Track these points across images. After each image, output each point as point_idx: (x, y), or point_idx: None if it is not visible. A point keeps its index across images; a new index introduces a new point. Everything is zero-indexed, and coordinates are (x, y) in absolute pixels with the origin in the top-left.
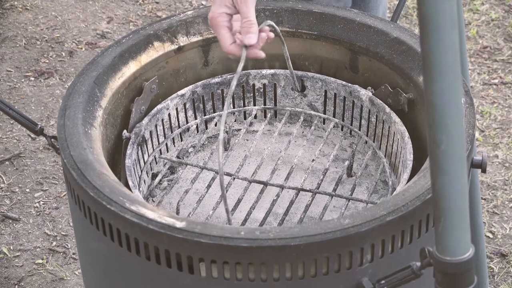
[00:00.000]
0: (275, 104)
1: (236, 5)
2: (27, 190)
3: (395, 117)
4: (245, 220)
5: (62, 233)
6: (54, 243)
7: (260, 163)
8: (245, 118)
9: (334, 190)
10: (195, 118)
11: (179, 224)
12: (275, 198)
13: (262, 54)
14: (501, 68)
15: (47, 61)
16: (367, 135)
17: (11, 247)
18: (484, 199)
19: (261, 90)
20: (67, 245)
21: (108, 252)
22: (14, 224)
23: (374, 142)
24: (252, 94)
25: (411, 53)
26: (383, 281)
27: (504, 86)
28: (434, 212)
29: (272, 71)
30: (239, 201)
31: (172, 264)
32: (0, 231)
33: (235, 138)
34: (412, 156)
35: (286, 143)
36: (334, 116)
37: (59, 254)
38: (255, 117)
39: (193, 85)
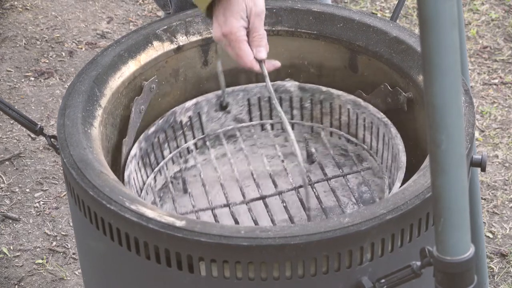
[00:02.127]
0: (203, 133)
1: (249, 18)
2: (27, 190)
3: (336, 92)
4: None
5: (62, 233)
6: (54, 243)
7: (240, 185)
8: (180, 157)
9: (325, 175)
10: (147, 175)
11: (179, 223)
12: (284, 205)
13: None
14: (501, 68)
15: (47, 61)
16: (302, 120)
17: (11, 247)
18: (484, 199)
19: (188, 123)
20: (67, 245)
21: (108, 251)
22: (14, 224)
23: (314, 122)
24: (181, 132)
25: (411, 52)
26: (383, 280)
27: (504, 86)
28: (434, 212)
29: (194, 101)
30: (256, 221)
31: (172, 263)
32: (0, 231)
33: (184, 178)
34: (363, 118)
35: (239, 161)
36: (261, 119)
37: (59, 254)
38: (189, 151)
39: (138, 141)
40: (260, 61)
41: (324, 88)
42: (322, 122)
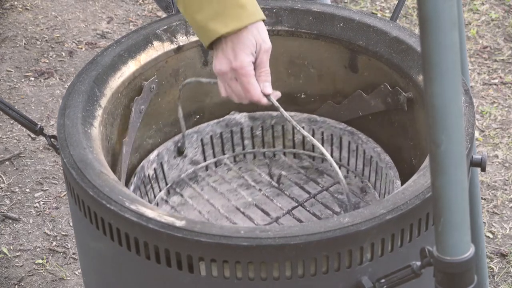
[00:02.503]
0: (166, 183)
1: (258, 54)
2: (27, 190)
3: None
4: None
5: (62, 233)
6: (54, 243)
7: (232, 220)
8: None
9: (309, 193)
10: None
11: (179, 223)
12: (299, 222)
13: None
14: (501, 68)
15: (47, 61)
16: (253, 148)
17: (11, 247)
18: (484, 199)
19: (154, 175)
20: (67, 245)
21: (108, 251)
22: (14, 224)
23: (266, 148)
24: (150, 185)
25: (411, 52)
26: (383, 280)
27: (504, 86)
28: (434, 212)
29: (155, 152)
30: None
31: (172, 263)
32: (0, 231)
33: None
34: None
35: (216, 198)
36: (214, 157)
37: (59, 254)
38: (163, 200)
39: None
40: (267, 95)
41: (274, 113)
42: (274, 146)
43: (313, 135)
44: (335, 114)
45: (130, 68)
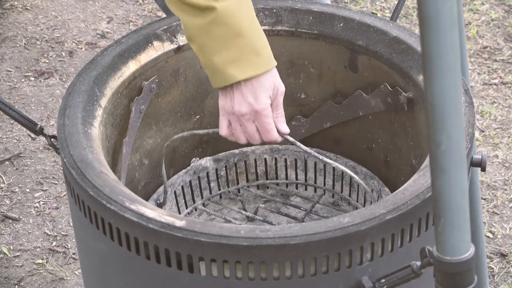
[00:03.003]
0: None
1: (275, 96)
2: (27, 190)
3: (250, 148)
4: None
5: (62, 233)
6: (54, 243)
7: None
8: None
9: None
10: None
11: (179, 223)
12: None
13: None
14: (501, 68)
15: (47, 61)
16: (220, 189)
17: (11, 247)
18: (484, 199)
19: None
20: (67, 245)
21: (108, 251)
22: (14, 224)
23: (231, 186)
24: None
25: (411, 52)
26: (383, 280)
27: (504, 86)
28: (434, 212)
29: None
30: None
31: (172, 263)
32: (0, 231)
33: None
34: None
35: None
36: (187, 207)
37: (59, 254)
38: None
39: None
40: (285, 134)
41: (237, 151)
42: (238, 182)
43: (276, 164)
44: (335, 114)
45: (130, 68)
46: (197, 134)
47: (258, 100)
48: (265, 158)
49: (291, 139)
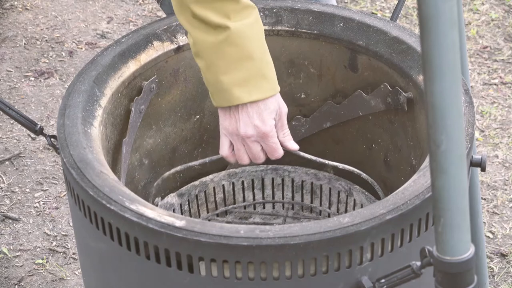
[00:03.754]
0: None
1: (279, 117)
2: (27, 190)
3: (209, 177)
4: None
5: (62, 233)
6: (54, 243)
7: None
8: None
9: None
10: None
11: (179, 223)
12: None
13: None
14: (501, 68)
15: (47, 61)
16: None
17: (11, 247)
18: (484, 199)
19: None
20: (67, 245)
21: (108, 251)
22: (14, 224)
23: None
24: None
25: (411, 52)
26: (383, 280)
27: (504, 86)
28: (434, 212)
29: None
30: None
31: (172, 263)
32: (0, 231)
33: None
34: (242, 182)
35: None
36: None
37: (59, 254)
38: None
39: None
40: (295, 150)
41: (197, 182)
42: (200, 215)
43: (233, 188)
44: (335, 114)
45: (130, 68)
46: (192, 166)
47: (265, 122)
48: (223, 185)
49: (302, 154)
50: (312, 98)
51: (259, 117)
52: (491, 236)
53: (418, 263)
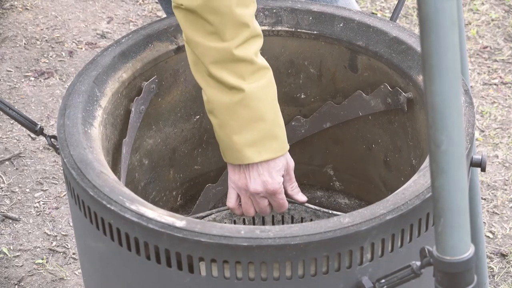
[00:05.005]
0: None
1: (287, 172)
2: (27, 190)
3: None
4: None
5: (62, 233)
6: (54, 243)
7: None
8: None
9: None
10: None
11: (179, 223)
12: None
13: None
14: (501, 68)
15: (47, 61)
16: None
17: (11, 247)
18: (484, 199)
19: None
20: (67, 245)
21: (108, 251)
22: (14, 224)
23: None
24: None
25: (411, 52)
26: (383, 280)
27: (504, 86)
28: (434, 212)
29: None
30: None
31: (172, 263)
32: (0, 231)
33: None
34: None
35: None
36: None
37: (59, 254)
38: None
39: None
40: (304, 202)
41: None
42: None
43: None
44: (335, 114)
45: (130, 68)
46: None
47: (274, 179)
48: (225, 223)
49: (311, 206)
50: (312, 99)
51: (269, 175)
52: (491, 236)
53: (418, 263)
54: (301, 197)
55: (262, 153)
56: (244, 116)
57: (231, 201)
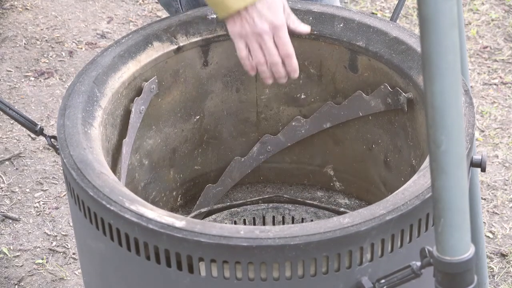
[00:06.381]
0: None
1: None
2: (27, 190)
3: None
4: None
5: (62, 233)
6: (54, 243)
7: None
8: None
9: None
10: None
11: (179, 224)
12: None
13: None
14: (501, 68)
15: (47, 61)
16: None
17: (11, 247)
18: (484, 199)
19: None
20: (67, 245)
21: (108, 252)
22: (14, 224)
23: None
24: None
25: (411, 52)
26: (383, 281)
27: (504, 86)
28: (434, 212)
29: None
30: None
31: (172, 263)
32: (0, 231)
33: None
34: None
35: None
36: None
37: (59, 254)
38: None
39: None
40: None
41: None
42: None
43: None
44: (335, 114)
45: (130, 68)
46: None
47: (277, 16)
48: (225, 223)
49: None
50: (312, 99)
51: (270, 12)
52: (491, 236)
53: (418, 263)
54: (304, 27)
55: None
56: None
57: (241, 51)
